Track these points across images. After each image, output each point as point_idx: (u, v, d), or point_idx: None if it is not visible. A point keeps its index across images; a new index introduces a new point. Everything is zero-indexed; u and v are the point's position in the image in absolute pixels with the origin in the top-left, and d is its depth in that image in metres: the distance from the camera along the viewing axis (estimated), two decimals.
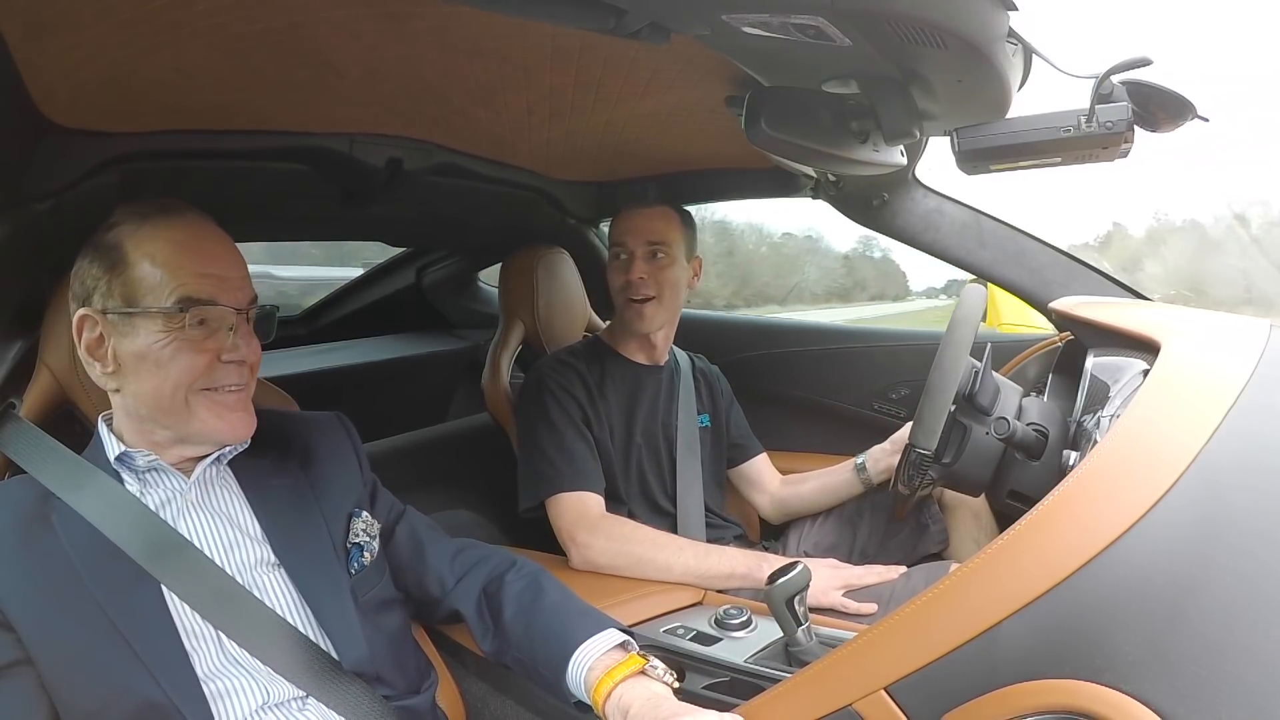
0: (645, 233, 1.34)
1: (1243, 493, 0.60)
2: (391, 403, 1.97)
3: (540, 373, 1.34)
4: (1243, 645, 0.53)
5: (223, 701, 0.75)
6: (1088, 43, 3.57)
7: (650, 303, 1.33)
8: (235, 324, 0.79)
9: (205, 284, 0.76)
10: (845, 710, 0.64)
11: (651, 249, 1.34)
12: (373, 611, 0.85)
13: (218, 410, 0.79)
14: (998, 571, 0.62)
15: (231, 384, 0.80)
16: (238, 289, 0.79)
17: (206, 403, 0.78)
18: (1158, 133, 0.94)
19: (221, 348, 0.78)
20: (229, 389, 0.79)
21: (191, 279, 0.76)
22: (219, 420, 0.79)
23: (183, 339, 0.76)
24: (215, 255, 0.79)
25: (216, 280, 0.77)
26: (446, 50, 0.85)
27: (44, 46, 0.69)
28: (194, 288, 0.76)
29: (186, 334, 0.76)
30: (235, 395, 0.80)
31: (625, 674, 0.75)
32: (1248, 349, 0.75)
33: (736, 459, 1.54)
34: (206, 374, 0.77)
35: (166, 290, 0.75)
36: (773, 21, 0.58)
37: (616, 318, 1.41)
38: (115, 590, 0.73)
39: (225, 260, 0.79)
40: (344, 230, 1.87)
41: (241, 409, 0.81)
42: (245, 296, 0.80)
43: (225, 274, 0.78)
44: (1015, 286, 1.41)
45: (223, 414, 0.79)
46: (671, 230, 1.35)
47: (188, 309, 0.75)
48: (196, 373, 0.77)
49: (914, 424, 1.05)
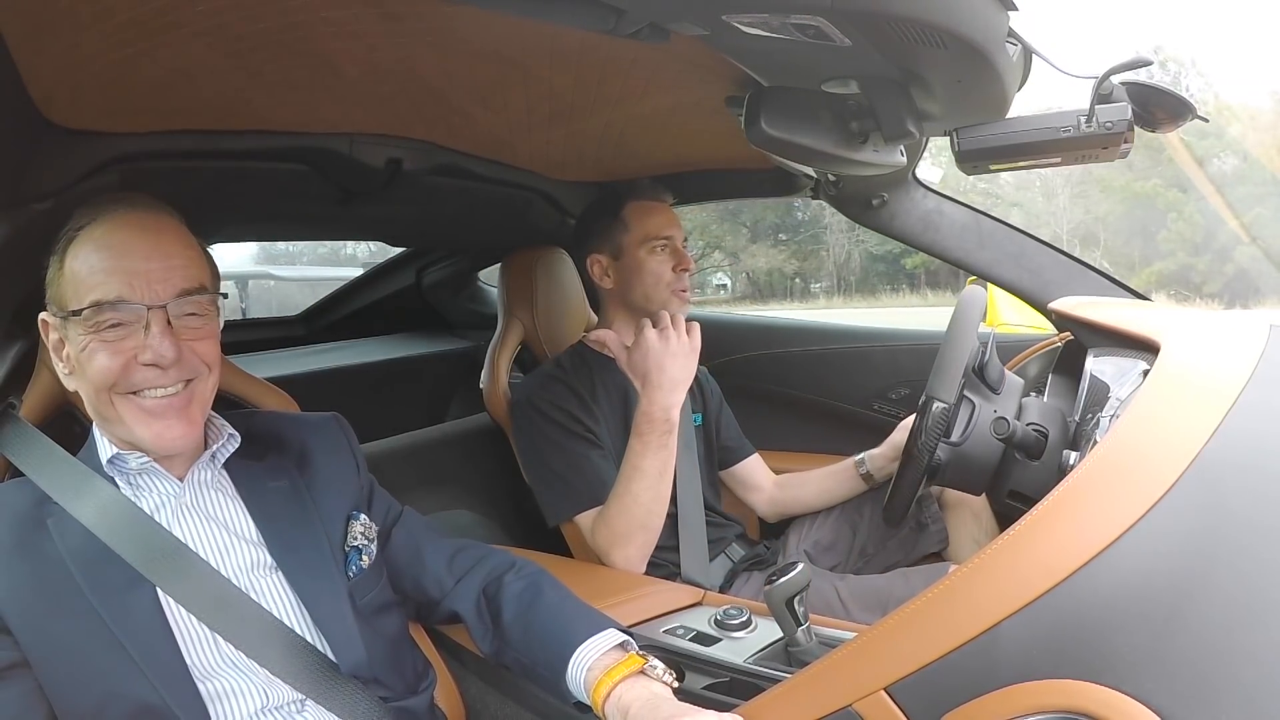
0: (680, 226, 1.37)
1: (1242, 493, 0.60)
2: (391, 403, 1.96)
3: (529, 394, 1.32)
4: (1242, 646, 0.53)
5: (220, 704, 0.75)
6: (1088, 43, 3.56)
7: (688, 293, 1.37)
8: (149, 321, 0.73)
9: (112, 281, 0.71)
10: (845, 711, 0.64)
11: (685, 242, 1.37)
12: (370, 615, 0.85)
13: (141, 416, 0.74)
14: (997, 572, 0.62)
15: (155, 387, 0.74)
16: (156, 282, 0.73)
17: (131, 408, 0.74)
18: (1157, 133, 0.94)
19: (138, 348, 0.73)
20: (154, 393, 0.74)
21: (100, 277, 0.72)
22: (143, 427, 0.74)
23: (98, 341, 0.72)
24: (128, 249, 0.73)
25: (126, 275, 0.72)
26: (446, 50, 0.85)
27: (44, 46, 0.69)
28: (102, 288, 0.71)
29: (101, 335, 0.72)
30: (161, 401, 0.74)
31: (625, 674, 0.75)
32: (1247, 349, 0.75)
33: (728, 461, 1.53)
34: (124, 376, 0.73)
35: (81, 291, 0.72)
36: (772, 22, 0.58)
37: (625, 318, 1.39)
38: (111, 594, 0.73)
39: (141, 252, 0.73)
40: (344, 230, 1.87)
41: (172, 415, 0.75)
42: (166, 289, 0.73)
43: (139, 268, 0.72)
44: (1015, 287, 1.41)
45: (147, 421, 0.74)
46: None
47: (93, 311, 0.71)
48: (112, 375, 0.72)
49: (933, 375, 1.04)
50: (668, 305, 1.34)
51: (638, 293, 1.35)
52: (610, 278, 1.37)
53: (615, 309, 1.40)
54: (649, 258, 1.34)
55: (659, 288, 1.34)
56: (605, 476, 1.24)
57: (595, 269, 1.38)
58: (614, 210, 1.36)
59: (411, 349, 2.12)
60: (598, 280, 1.39)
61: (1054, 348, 1.43)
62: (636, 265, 1.34)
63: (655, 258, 1.34)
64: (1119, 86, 0.88)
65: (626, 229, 1.35)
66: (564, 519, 1.26)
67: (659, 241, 1.34)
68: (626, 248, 1.35)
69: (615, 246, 1.36)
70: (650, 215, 1.35)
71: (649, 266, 1.34)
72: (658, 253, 1.34)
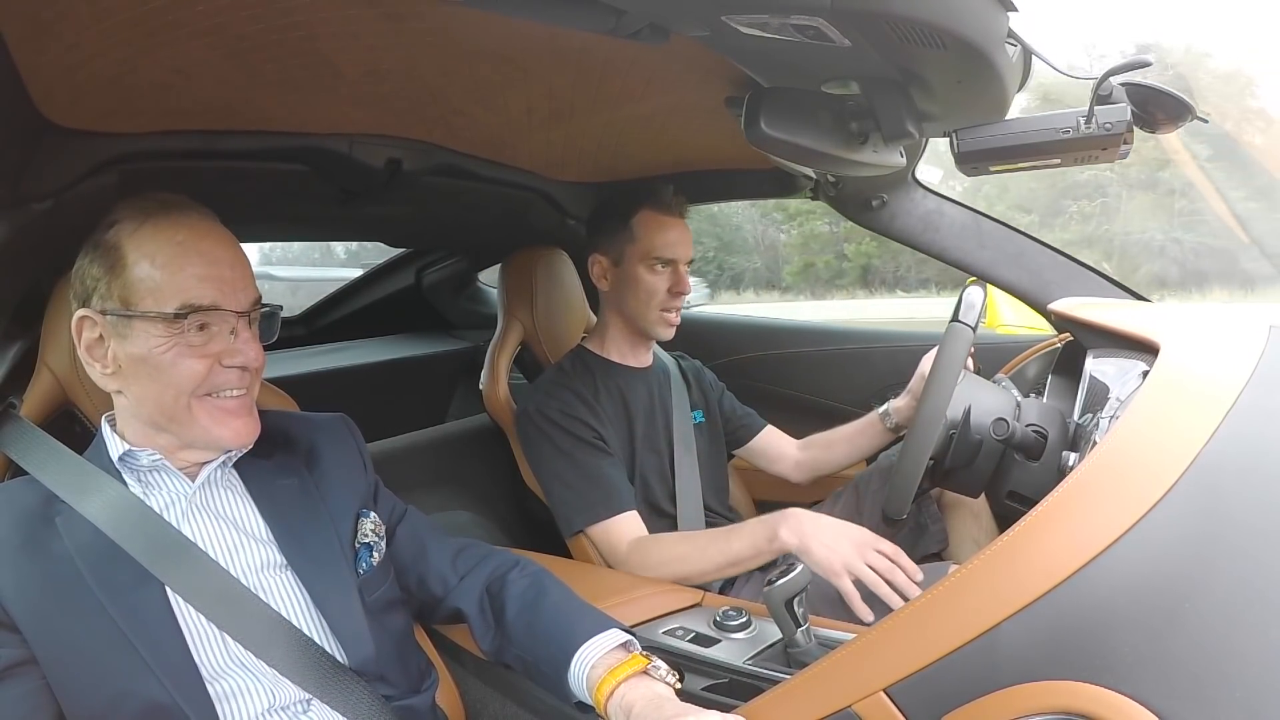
0: (689, 246, 1.33)
1: (1241, 494, 0.60)
2: (391, 403, 1.96)
3: (535, 404, 1.30)
4: (1242, 647, 0.53)
5: (228, 703, 0.75)
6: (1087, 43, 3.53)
7: (678, 316, 1.34)
8: (236, 328, 0.77)
9: (206, 288, 0.75)
10: (845, 712, 0.64)
11: (689, 264, 1.34)
12: (379, 611, 0.85)
13: (219, 416, 0.77)
14: (997, 573, 0.62)
15: (233, 389, 0.78)
16: (240, 291, 0.77)
17: (208, 408, 0.77)
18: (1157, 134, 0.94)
19: (223, 352, 0.76)
20: (230, 394, 0.78)
21: (192, 282, 0.74)
22: (221, 427, 0.78)
23: (183, 344, 0.74)
24: (216, 257, 0.76)
25: (217, 283, 0.75)
26: (446, 51, 0.85)
27: (44, 46, 0.69)
28: (194, 292, 0.74)
29: (186, 339, 0.74)
30: (237, 400, 0.79)
31: (628, 673, 0.75)
32: (1247, 350, 0.75)
33: (744, 438, 1.53)
34: (207, 379, 0.76)
35: (166, 294, 0.73)
36: (772, 22, 0.58)
37: (621, 322, 1.38)
38: (119, 592, 0.73)
39: (226, 261, 0.77)
40: (344, 230, 1.88)
41: (245, 414, 0.80)
42: (247, 298, 0.78)
43: (227, 275, 0.76)
44: (1014, 287, 1.41)
45: (225, 420, 0.78)
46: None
47: (187, 315, 0.74)
48: (197, 379, 0.75)
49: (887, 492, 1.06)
50: (654, 326, 1.33)
51: (629, 305, 1.34)
52: (608, 281, 1.36)
53: (611, 313, 1.40)
54: (647, 274, 1.31)
55: (649, 307, 1.32)
56: (619, 485, 1.23)
57: (595, 269, 1.37)
58: (625, 215, 1.32)
59: (411, 349, 2.12)
60: (596, 280, 1.38)
61: (1053, 349, 1.43)
62: (633, 278, 1.31)
63: (654, 275, 1.31)
64: (1118, 87, 0.88)
65: (633, 239, 1.31)
66: (578, 530, 1.24)
67: (661, 261, 1.31)
68: (628, 257, 1.32)
69: (618, 252, 1.33)
70: (660, 232, 1.31)
71: (645, 283, 1.31)
72: (657, 271, 1.31)
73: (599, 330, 1.43)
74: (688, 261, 1.34)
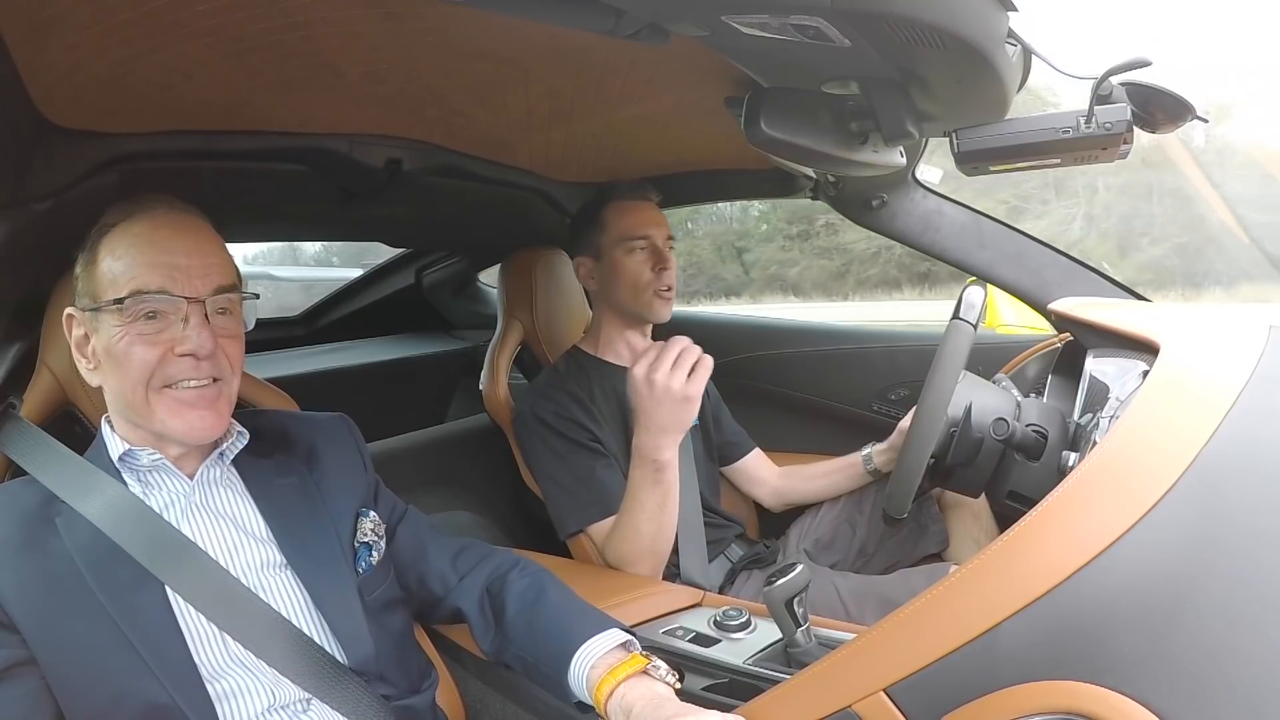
0: (663, 225, 1.35)
1: (1242, 494, 0.60)
2: (391, 404, 1.96)
3: (530, 406, 1.31)
4: (1242, 647, 0.53)
5: (228, 703, 0.75)
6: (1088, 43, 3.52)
7: (671, 292, 1.34)
8: (188, 314, 0.76)
9: (153, 274, 0.74)
10: (845, 712, 0.64)
11: (668, 241, 1.35)
12: (379, 611, 0.86)
13: (175, 408, 0.76)
14: (997, 573, 0.62)
15: (189, 379, 0.76)
16: (196, 277, 0.76)
17: (165, 400, 0.76)
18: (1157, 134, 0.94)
19: (175, 340, 0.75)
20: (186, 385, 0.76)
21: (141, 269, 0.74)
22: (177, 419, 0.76)
23: (134, 332, 0.74)
24: (170, 246, 0.76)
25: (168, 269, 0.75)
26: (446, 51, 0.85)
27: (44, 46, 0.69)
28: (142, 279, 0.74)
29: (138, 327, 0.74)
30: (195, 392, 0.77)
31: (628, 673, 0.75)
32: (1247, 350, 0.75)
33: (731, 457, 1.54)
34: (160, 369, 0.75)
35: (120, 283, 0.74)
36: (772, 22, 0.58)
37: (615, 318, 1.39)
38: (119, 591, 0.73)
39: (182, 250, 0.76)
40: (344, 230, 1.87)
41: (204, 406, 0.77)
42: (205, 285, 0.77)
43: (180, 263, 0.75)
44: (1014, 287, 1.41)
45: (181, 412, 0.76)
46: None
47: (129, 299, 0.73)
48: (148, 368, 0.74)
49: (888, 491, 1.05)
50: (650, 307, 1.33)
51: (619, 295, 1.34)
52: (594, 280, 1.37)
53: (604, 311, 1.40)
54: (626, 258, 1.32)
55: (639, 289, 1.32)
56: (613, 487, 1.23)
57: (581, 271, 1.39)
58: (594, 212, 1.36)
59: (411, 349, 2.12)
60: (584, 282, 1.40)
61: (1054, 348, 1.43)
62: (615, 266, 1.33)
63: (633, 258, 1.32)
64: (1118, 87, 0.88)
65: (604, 230, 1.34)
66: (574, 531, 1.25)
67: (636, 241, 1.32)
68: (605, 249, 1.34)
69: (596, 248, 1.35)
70: (626, 215, 1.33)
71: (626, 267, 1.32)
72: (635, 253, 1.32)
73: (593, 331, 1.43)
74: (667, 239, 1.35)
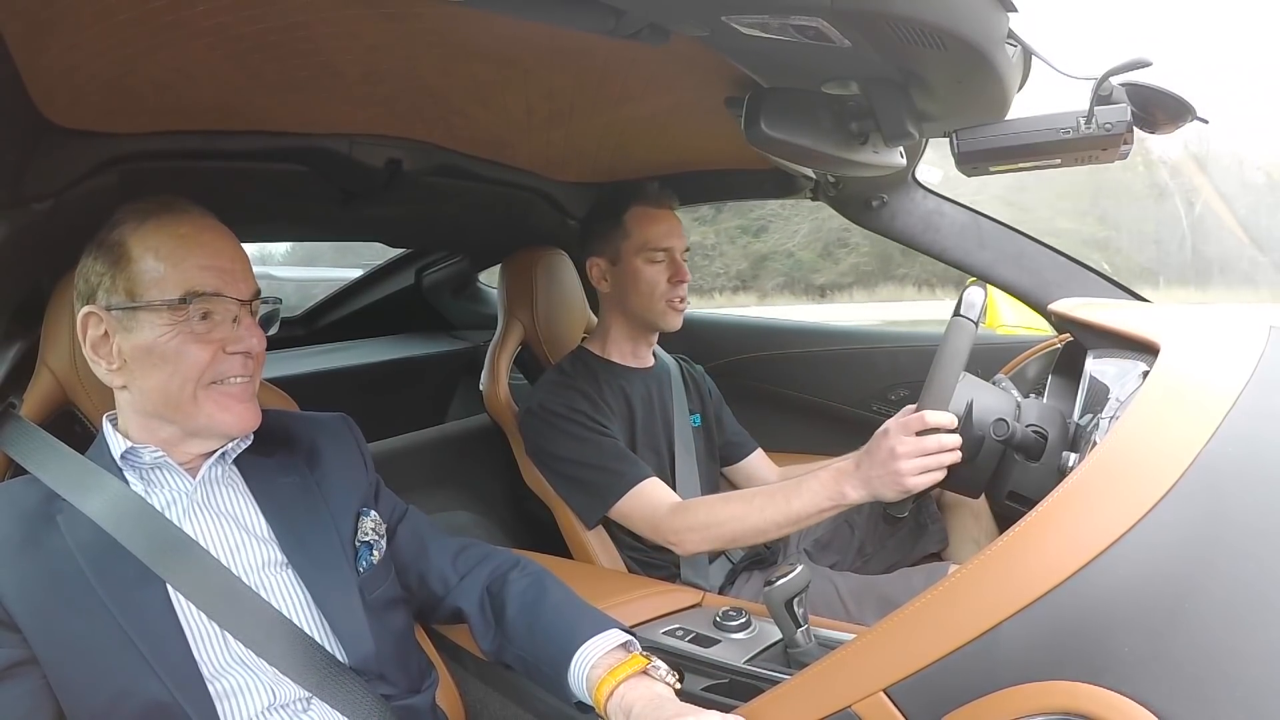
0: (683, 236, 1.35)
1: (1242, 495, 0.60)
2: (391, 404, 1.97)
3: (539, 401, 1.31)
4: (1242, 647, 0.53)
5: (229, 701, 0.75)
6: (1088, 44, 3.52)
7: (684, 303, 1.35)
8: (239, 315, 0.80)
9: (208, 276, 0.77)
10: (845, 712, 0.64)
11: (685, 253, 1.35)
12: (379, 610, 0.86)
13: (224, 402, 0.79)
14: (997, 573, 0.62)
15: (236, 375, 0.80)
16: (240, 281, 0.80)
17: (215, 396, 0.79)
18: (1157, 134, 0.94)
19: (226, 339, 0.78)
20: (234, 380, 0.80)
21: (195, 271, 0.76)
22: (225, 413, 0.79)
23: (187, 331, 0.76)
24: (218, 248, 0.79)
25: (219, 272, 0.78)
26: (446, 51, 0.85)
27: (44, 46, 0.69)
28: (198, 280, 0.76)
29: (191, 326, 0.76)
30: (240, 386, 0.80)
31: (628, 673, 0.75)
32: (1247, 351, 0.75)
33: (733, 457, 1.53)
34: (211, 366, 0.78)
35: (170, 283, 0.75)
36: (772, 23, 0.58)
37: (624, 322, 1.39)
38: (121, 590, 0.73)
39: (228, 253, 0.80)
40: (344, 230, 1.87)
41: (247, 399, 0.81)
42: (248, 289, 0.81)
43: (228, 266, 0.79)
44: (1014, 288, 1.42)
45: (229, 405, 0.79)
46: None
47: (191, 301, 0.76)
48: (202, 366, 0.77)
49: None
50: (664, 317, 1.34)
51: (633, 301, 1.34)
52: (607, 282, 1.37)
53: (612, 313, 1.40)
54: (645, 267, 1.32)
55: (654, 299, 1.33)
56: (635, 458, 1.23)
57: (594, 271, 1.38)
58: (616, 214, 1.35)
59: (411, 350, 2.12)
60: (595, 283, 1.39)
61: (1053, 349, 1.43)
62: (633, 274, 1.33)
63: (652, 267, 1.32)
64: (1118, 88, 0.88)
65: (626, 235, 1.33)
66: (608, 508, 1.23)
67: (658, 252, 1.32)
68: (624, 254, 1.33)
69: (614, 251, 1.35)
70: (652, 223, 1.33)
71: (645, 276, 1.32)
72: (655, 262, 1.32)
73: (600, 332, 1.43)
74: (684, 250, 1.36)
